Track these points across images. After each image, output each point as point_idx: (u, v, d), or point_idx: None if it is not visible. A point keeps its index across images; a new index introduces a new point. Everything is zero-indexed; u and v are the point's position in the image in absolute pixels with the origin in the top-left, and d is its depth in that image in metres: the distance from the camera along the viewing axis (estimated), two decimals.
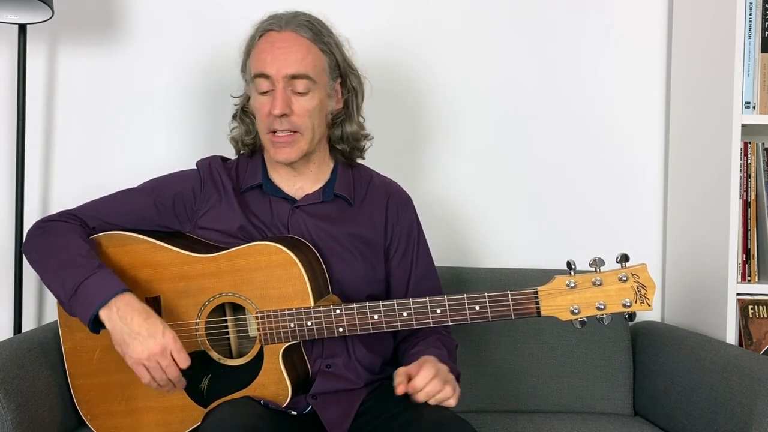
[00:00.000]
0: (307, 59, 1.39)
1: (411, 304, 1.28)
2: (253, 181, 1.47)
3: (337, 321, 1.30)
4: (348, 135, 1.49)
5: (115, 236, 1.42)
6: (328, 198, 1.46)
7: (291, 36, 1.40)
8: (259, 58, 1.40)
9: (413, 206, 1.54)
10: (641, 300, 1.23)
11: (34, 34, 1.86)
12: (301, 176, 1.47)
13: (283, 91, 1.37)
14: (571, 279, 1.25)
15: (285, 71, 1.37)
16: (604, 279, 1.23)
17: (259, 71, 1.39)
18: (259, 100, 1.40)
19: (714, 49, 1.75)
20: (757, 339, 1.66)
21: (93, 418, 1.43)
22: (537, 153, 1.99)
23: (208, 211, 1.45)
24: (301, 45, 1.39)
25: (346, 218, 1.46)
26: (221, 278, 1.35)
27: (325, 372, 1.40)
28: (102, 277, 1.29)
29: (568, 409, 1.78)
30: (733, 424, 1.41)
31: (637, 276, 1.23)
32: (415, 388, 1.24)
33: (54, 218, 1.43)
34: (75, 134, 1.93)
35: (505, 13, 1.98)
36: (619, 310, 1.24)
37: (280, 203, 1.45)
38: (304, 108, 1.39)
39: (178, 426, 1.37)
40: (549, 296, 1.25)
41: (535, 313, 1.25)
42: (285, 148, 1.40)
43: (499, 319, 1.27)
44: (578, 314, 1.25)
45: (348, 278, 1.42)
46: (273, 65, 1.37)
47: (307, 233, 1.43)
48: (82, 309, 1.29)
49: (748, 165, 1.70)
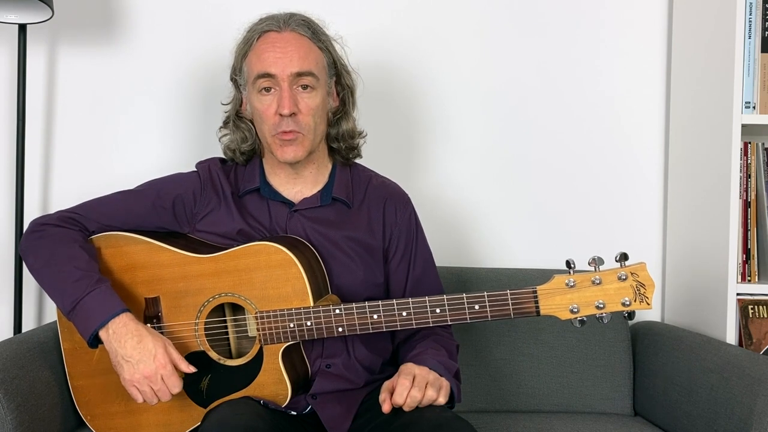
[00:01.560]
0: (310, 57, 1.40)
1: (410, 304, 1.28)
2: (250, 185, 1.46)
3: (336, 321, 1.30)
4: (344, 132, 1.49)
5: (113, 237, 1.42)
6: (326, 202, 1.46)
7: (291, 35, 1.40)
8: (261, 58, 1.39)
9: (412, 206, 1.54)
10: (641, 299, 1.24)
11: (34, 34, 1.86)
12: (300, 178, 1.47)
13: (290, 90, 1.37)
14: (571, 278, 1.25)
15: (290, 69, 1.37)
16: (603, 278, 1.24)
17: (262, 71, 1.38)
18: (263, 101, 1.39)
19: (714, 49, 1.75)
20: (757, 339, 1.66)
21: (93, 418, 1.43)
22: (537, 153, 1.99)
23: (208, 215, 1.45)
24: (303, 43, 1.40)
25: (344, 222, 1.46)
26: (220, 278, 1.35)
27: (325, 372, 1.40)
28: (99, 296, 1.31)
29: (568, 409, 1.77)
30: (733, 424, 1.41)
31: (636, 275, 1.23)
32: (397, 403, 1.25)
33: (52, 221, 1.42)
34: (75, 134, 1.93)
35: (505, 13, 1.98)
36: (618, 309, 1.24)
37: (278, 207, 1.45)
38: (309, 106, 1.39)
39: (178, 426, 1.37)
40: (548, 295, 1.25)
41: (535, 312, 1.26)
42: (291, 146, 1.39)
43: (498, 318, 1.27)
44: (577, 313, 1.25)
45: (347, 282, 1.42)
46: (277, 64, 1.37)
47: (305, 238, 1.42)
48: (81, 326, 1.31)
49: (748, 165, 1.70)
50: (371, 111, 1.59)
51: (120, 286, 1.39)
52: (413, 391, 1.25)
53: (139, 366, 1.27)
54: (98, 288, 1.31)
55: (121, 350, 1.28)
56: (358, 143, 1.53)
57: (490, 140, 1.99)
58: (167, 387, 1.28)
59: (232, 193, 1.46)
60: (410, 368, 1.29)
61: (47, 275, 1.36)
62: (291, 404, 1.35)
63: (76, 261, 1.34)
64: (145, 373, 1.27)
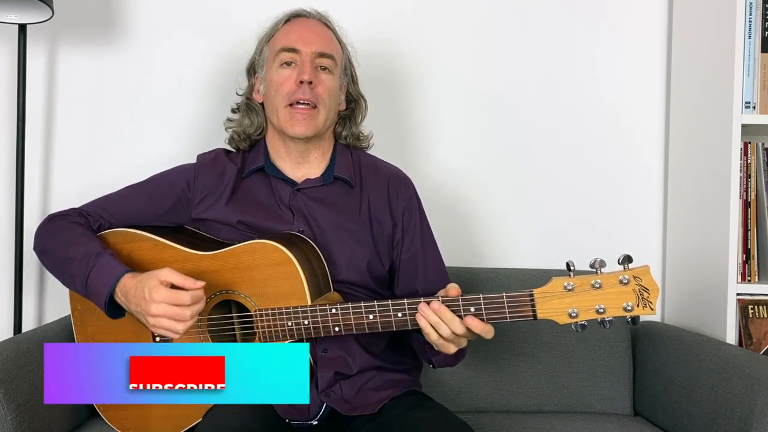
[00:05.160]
0: (333, 43, 1.50)
1: (406, 305, 1.27)
2: (255, 164, 1.49)
3: (333, 320, 1.30)
4: (349, 135, 1.56)
5: (121, 233, 1.46)
6: (328, 180, 1.48)
7: (319, 23, 1.51)
8: (289, 35, 1.47)
9: (413, 187, 1.55)
10: (644, 303, 1.18)
11: (34, 34, 1.86)
12: (305, 163, 1.50)
13: (311, 63, 1.44)
14: (570, 281, 1.20)
15: (314, 48, 1.45)
16: (603, 281, 1.19)
17: (288, 45, 1.45)
18: (282, 74, 1.45)
19: (714, 49, 1.75)
20: (757, 339, 1.66)
21: (104, 409, 1.47)
22: (537, 153, 1.99)
23: (203, 200, 1.47)
24: (327, 32, 1.51)
25: (347, 201, 1.48)
26: (221, 275, 1.36)
27: (323, 357, 1.40)
28: (99, 269, 1.33)
29: (568, 409, 1.77)
30: (733, 424, 1.41)
31: (639, 279, 1.18)
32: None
33: (58, 213, 1.48)
34: (75, 134, 1.93)
35: (506, 14, 1.98)
36: (620, 314, 1.19)
37: (281, 185, 1.48)
38: (326, 84, 1.45)
39: (184, 420, 1.39)
40: (545, 299, 1.21)
41: (531, 316, 1.22)
42: (303, 120, 1.43)
43: (494, 321, 1.24)
44: (576, 318, 1.20)
45: (350, 262, 1.43)
46: (304, 41, 1.45)
47: (309, 215, 1.44)
48: (97, 303, 1.35)
49: (748, 165, 1.70)
50: (370, 108, 1.60)
51: None
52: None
53: (149, 308, 1.25)
54: (98, 262, 1.34)
55: (134, 307, 1.29)
56: (367, 145, 1.60)
57: (491, 141, 1.99)
58: (177, 312, 1.25)
59: (237, 174, 1.48)
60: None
61: (56, 267, 1.42)
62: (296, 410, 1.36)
63: (74, 245, 1.38)
64: (155, 312, 1.25)
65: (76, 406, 1.51)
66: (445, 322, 1.23)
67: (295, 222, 1.44)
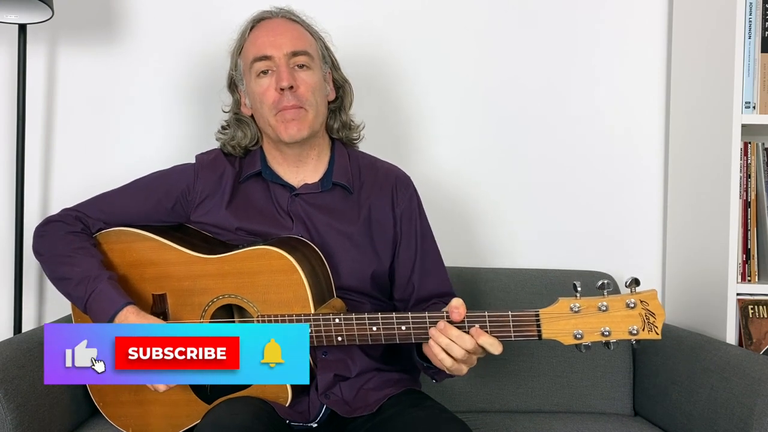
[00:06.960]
0: (303, 38, 1.46)
1: (410, 319, 1.25)
2: (252, 169, 1.48)
3: (336, 330, 1.28)
4: (341, 125, 1.53)
5: (123, 233, 1.45)
6: (326, 187, 1.47)
7: (283, 21, 1.47)
8: (257, 44, 1.44)
9: (413, 186, 1.54)
10: (649, 328, 1.18)
11: (34, 34, 1.86)
12: (303, 167, 1.48)
13: (287, 66, 1.41)
14: (576, 302, 1.19)
15: (285, 49, 1.41)
16: (610, 304, 1.18)
17: (258, 54, 1.42)
18: (261, 84, 1.43)
19: (714, 49, 1.75)
20: (757, 339, 1.66)
21: (105, 405, 1.46)
22: (537, 152, 1.99)
23: (203, 203, 1.46)
24: (295, 27, 1.47)
25: (346, 207, 1.47)
26: (225, 280, 1.36)
27: (323, 360, 1.39)
28: (99, 296, 1.33)
29: (568, 409, 1.77)
30: (733, 424, 1.41)
31: (646, 303, 1.18)
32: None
33: (54, 219, 1.45)
34: (75, 134, 1.93)
35: (504, 13, 1.98)
36: (625, 337, 1.19)
37: (279, 190, 1.47)
38: (307, 82, 1.42)
39: (184, 419, 1.38)
40: (551, 320, 1.20)
41: (536, 336, 1.21)
42: (294, 123, 1.41)
43: (498, 339, 1.22)
44: (581, 339, 1.20)
45: (350, 269, 1.43)
46: (273, 46, 1.42)
47: (308, 221, 1.43)
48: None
49: (748, 165, 1.70)
50: (368, 109, 1.60)
51: (128, 281, 1.42)
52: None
53: None
54: (96, 288, 1.33)
55: None
56: (357, 136, 1.57)
57: (491, 141, 1.99)
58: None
59: (234, 178, 1.47)
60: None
61: (53, 279, 1.41)
62: (298, 413, 1.35)
63: (71, 264, 1.37)
64: None
65: (76, 406, 1.51)
66: (454, 341, 1.21)
67: (294, 228, 1.43)
